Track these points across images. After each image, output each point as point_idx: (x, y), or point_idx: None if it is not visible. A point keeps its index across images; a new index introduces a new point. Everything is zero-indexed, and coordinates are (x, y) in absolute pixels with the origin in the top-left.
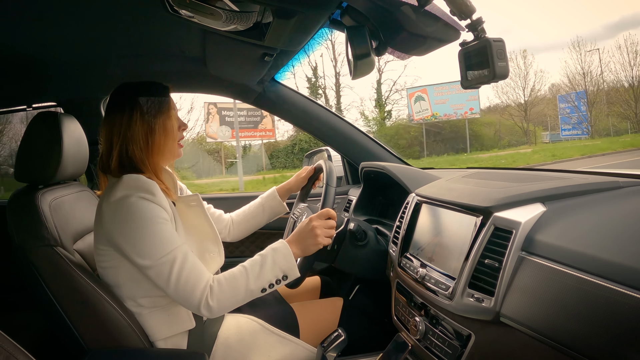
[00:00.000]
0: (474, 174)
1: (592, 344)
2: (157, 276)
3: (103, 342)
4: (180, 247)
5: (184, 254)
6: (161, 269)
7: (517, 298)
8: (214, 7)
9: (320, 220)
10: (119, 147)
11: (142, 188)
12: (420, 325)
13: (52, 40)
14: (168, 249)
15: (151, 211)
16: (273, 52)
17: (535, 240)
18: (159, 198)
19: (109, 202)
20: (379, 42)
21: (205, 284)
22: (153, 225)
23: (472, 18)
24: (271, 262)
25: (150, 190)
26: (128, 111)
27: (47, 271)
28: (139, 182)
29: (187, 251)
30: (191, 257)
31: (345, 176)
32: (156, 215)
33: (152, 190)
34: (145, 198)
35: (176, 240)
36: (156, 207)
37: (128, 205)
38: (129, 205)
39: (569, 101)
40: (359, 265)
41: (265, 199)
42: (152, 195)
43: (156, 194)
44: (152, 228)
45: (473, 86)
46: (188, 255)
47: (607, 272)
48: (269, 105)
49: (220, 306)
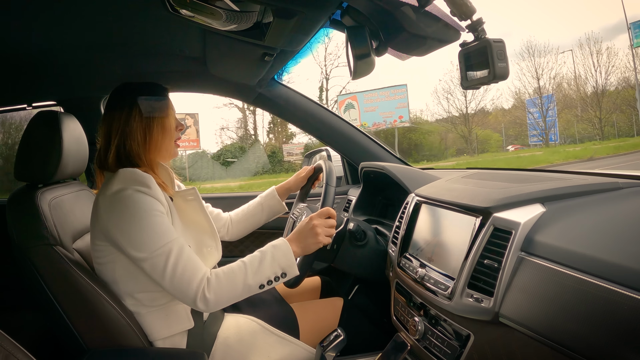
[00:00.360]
0: (474, 174)
1: (591, 345)
2: (152, 269)
3: (102, 342)
4: (176, 239)
5: (180, 247)
6: (156, 261)
7: (516, 298)
8: (214, 7)
9: (321, 219)
10: (117, 142)
11: (138, 181)
12: (419, 326)
13: (52, 40)
14: (163, 242)
15: (147, 204)
16: (273, 52)
17: (535, 240)
18: (154, 191)
19: (105, 195)
20: (379, 42)
21: (202, 277)
22: (149, 217)
23: (472, 19)
24: (270, 258)
25: (146, 184)
26: (127, 109)
27: (46, 270)
28: (135, 175)
29: (183, 244)
30: (187, 250)
31: (344, 176)
32: (152, 208)
33: (147, 184)
34: (141, 191)
35: (172, 233)
36: (152, 200)
37: (124, 198)
38: (125, 198)
39: (537, 105)
40: (358, 265)
41: (265, 198)
42: (148, 188)
43: (152, 187)
44: (148, 220)
45: (473, 87)
46: (184, 248)
47: (606, 273)
48: (269, 105)
49: (217, 300)
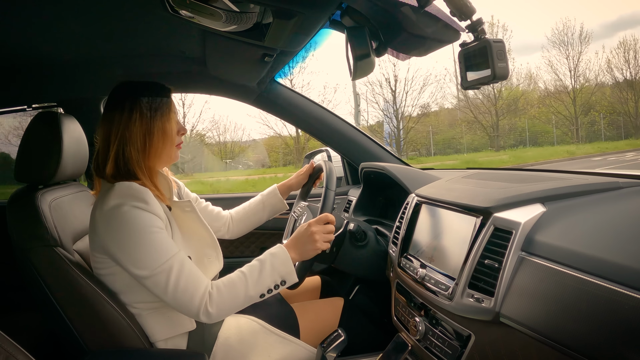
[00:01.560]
0: (474, 174)
1: (592, 344)
2: (154, 286)
3: (103, 343)
4: (177, 255)
5: (181, 262)
6: (158, 278)
7: (517, 298)
8: (214, 8)
9: (319, 225)
10: (116, 148)
11: (134, 196)
12: (420, 326)
13: (52, 40)
14: (164, 259)
15: (145, 220)
16: (273, 52)
17: (535, 240)
18: (152, 206)
19: (102, 210)
20: (379, 42)
21: (204, 291)
22: (147, 234)
23: (472, 19)
24: (270, 267)
25: (143, 199)
26: (127, 110)
27: (46, 271)
28: (132, 190)
29: (183, 259)
30: (188, 265)
31: (345, 176)
32: (150, 225)
33: (145, 199)
34: (138, 207)
35: (172, 248)
36: (150, 216)
37: (121, 214)
38: (122, 214)
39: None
40: (358, 266)
41: (266, 196)
42: (145, 204)
43: (149, 202)
44: (147, 237)
45: (473, 87)
46: (185, 262)
47: (607, 273)
48: (269, 105)
49: (219, 313)
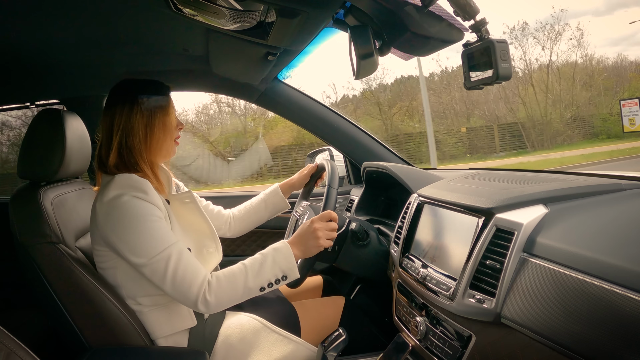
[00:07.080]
0: (477, 174)
1: (593, 346)
2: (152, 274)
3: (104, 340)
4: (175, 244)
5: (179, 251)
6: (156, 266)
7: (518, 299)
8: (218, 6)
9: (322, 222)
10: (119, 139)
11: (134, 187)
12: (421, 326)
13: (56, 39)
14: (162, 247)
15: (144, 209)
16: (276, 51)
17: (537, 241)
18: (151, 196)
19: (102, 202)
20: (383, 42)
21: (203, 280)
22: (146, 223)
23: (475, 19)
24: (271, 261)
25: (143, 189)
26: (128, 105)
27: (49, 268)
28: (131, 180)
29: (182, 248)
30: (186, 254)
31: (347, 176)
32: (149, 213)
33: (144, 189)
34: (138, 197)
35: (170, 237)
36: (149, 205)
37: (121, 204)
38: (121, 204)
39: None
40: (360, 265)
41: (268, 195)
42: (145, 194)
43: (149, 192)
44: (146, 226)
45: (476, 87)
46: (183, 252)
47: (608, 275)
48: (272, 104)
49: (217, 302)
